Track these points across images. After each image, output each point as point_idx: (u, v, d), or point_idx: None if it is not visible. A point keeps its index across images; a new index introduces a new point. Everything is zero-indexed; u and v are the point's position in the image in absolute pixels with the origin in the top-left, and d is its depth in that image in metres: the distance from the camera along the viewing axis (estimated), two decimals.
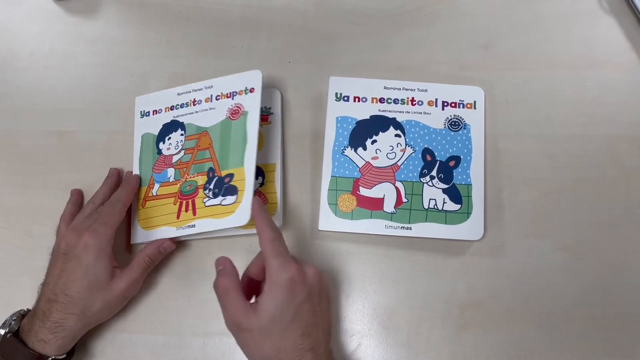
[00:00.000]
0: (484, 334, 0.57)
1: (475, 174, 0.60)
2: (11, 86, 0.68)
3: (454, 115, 0.62)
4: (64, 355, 0.53)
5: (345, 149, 0.61)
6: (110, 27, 0.69)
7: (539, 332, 0.57)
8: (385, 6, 0.68)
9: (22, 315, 0.54)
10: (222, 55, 0.67)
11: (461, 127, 0.62)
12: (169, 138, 0.62)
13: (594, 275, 0.58)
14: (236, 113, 0.60)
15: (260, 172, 0.61)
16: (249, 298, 0.50)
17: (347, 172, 0.60)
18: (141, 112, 0.65)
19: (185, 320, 0.59)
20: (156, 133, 0.63)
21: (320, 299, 0.49)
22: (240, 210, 0.56)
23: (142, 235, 0.60)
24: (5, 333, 0.52)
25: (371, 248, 0.60)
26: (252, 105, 0.60)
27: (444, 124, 0.62)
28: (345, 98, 0.63)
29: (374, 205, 0.59)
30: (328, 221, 0.59)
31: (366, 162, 0.61)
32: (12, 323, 0.53)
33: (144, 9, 0.70)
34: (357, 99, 0.63)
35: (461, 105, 0.62)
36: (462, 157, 0.61)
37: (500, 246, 0.59)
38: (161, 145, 0.63)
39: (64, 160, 0.65)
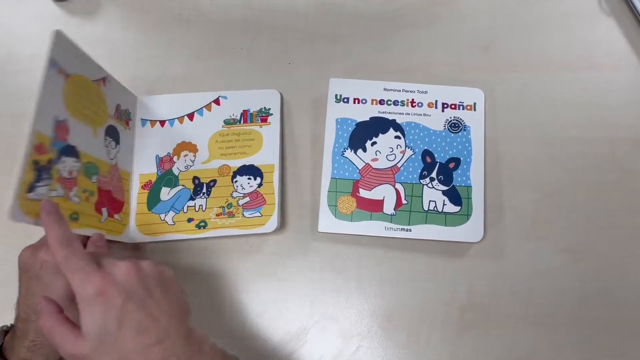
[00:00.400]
0: (484, 336, 0.57)
1: (475, 175, 0.60)
2: (12, 88, 0.68)
3: (454, 117, 0.62)
4: None
5: (345, 151, 0.61)
6: (111, 29, 0.69)
7: (539, 334, 0.57)
8: (385, 8, 0.68)
9: (5, 331, 0.53)
10: (223, 57, 0.67)
11: (461, 129, 0.62)
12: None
13: (594, 278, 0.58)
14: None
15: (258, 173, 0.61)
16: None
17: (346, 174, 0.60)
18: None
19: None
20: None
21: (148, 291, 0.45)
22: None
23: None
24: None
25: (371, 250, 0.60)
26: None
27: (444, 126, 0.62)
28: (345, 100, 0.63)
29: (374, 207, 0.59)
30: (328, 223, 0.59)
31: (366, 163, 0.61)
32: None
33: (144, 11, 0.70)
34: (356, 101, 0.63)
35: (461, 107, 0.62)
36: (462, 158, 0.61)
37: (501, 248, 0.59)
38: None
39: None
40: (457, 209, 0.59)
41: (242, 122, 0.63)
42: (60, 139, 0.49)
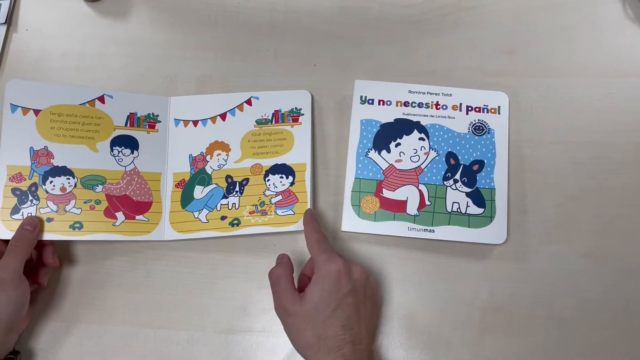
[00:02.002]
0: (506, 338, 0.58)
1: (499, 178, 0.60)
2: None
3: (478, 120, 0.62)
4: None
5: (369, 152, 0.62)
6: (140, 30, 0.71)
7: (560, 337, 0.57)
8: (409, 12, 0.69)
9: None
10: (249, 58, 0.68)
11: (485, 132, 0.62)
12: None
13: (616, 281, 0.58)
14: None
15: (290, 172, 0.62)
16: (301, 292, 0.52)
17: (370, 174, 0.61)
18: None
19: (209, 317, 0.60)
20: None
21: (365, 298, 0.52)
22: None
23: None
24: None
25: (393, 250, 0.61)
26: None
27: (468, 129, 0.62)
28: (370, 101, 0.64)
29: (397, 208, 0.60)
30: (351, 222, 0.60)
31: (390, 164, 0.61)
32: None
33: (173, 12, 0.71)
34: (381, 102, 0.63)
35: (485, 110, 0.63)
36: (485, 161, 0.61)
37: (523, 251, 0.60)
38: None
39: None
40: (480, 210, 0.59)
41: (273, 122, 0.64)
42: (43, 163, 0.59)
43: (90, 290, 0.61)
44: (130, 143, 0.62)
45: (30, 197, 0.58)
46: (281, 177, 0.62)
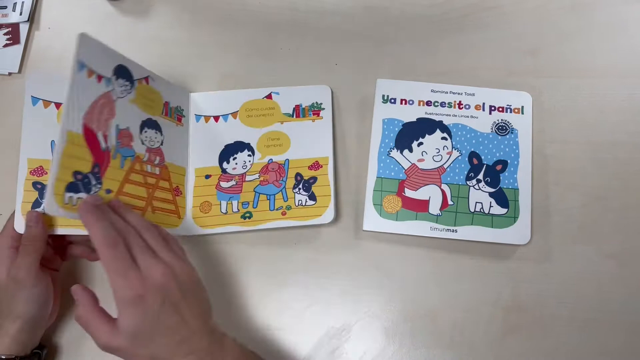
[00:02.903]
0: (528, 339, 0.57)
1: (522, 178, 0.60)
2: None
3: (502, 120, 0.62)
4: (13, 357, 0.53)
5: (391, 151, 0.62)
6: (162, 28, 0.71)
7: (583, 338, 0.57)
8: (431, 12, 0.69)
9: None
10: (270, 57, 0.69)
11: (508, 132, 0.62)
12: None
13: None
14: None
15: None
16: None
17: (392, 174, 0.61)
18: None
19: (230, 314, 0.60)
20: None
21: (182, 294, 0.47)
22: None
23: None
24: None
25: (415, 249, 0.60)
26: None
27: (491, 128, 0.62)
28: (392, 100, 0.63)
29: (420, 207, 0.60)
30: (373, 221, 0.60)
31: (412, 164, 0.61)
32: None
33: (195, 11, 0.72)
34: (404, 102, 0.63)
35: (508, 110, 0.63)
36: (509, 161, 0.61)
37: (547, 252, 0.59)
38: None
39: None
40: (504, 211, 0.59)
41: (294, 116, 0.64)
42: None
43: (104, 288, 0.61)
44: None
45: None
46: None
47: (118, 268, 0.46)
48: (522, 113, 0.63)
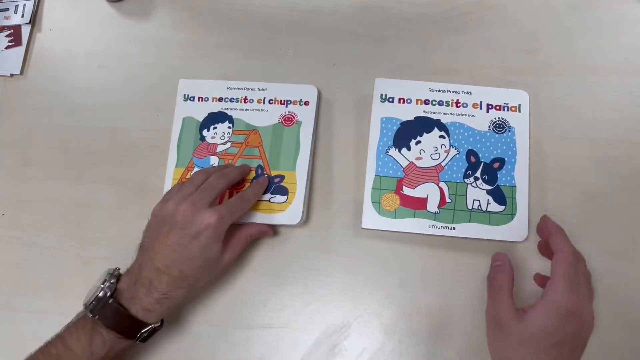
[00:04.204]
0: None
1: (519, 175, 0.60)
2: (67, 85, 0.71)
3: (499, 118, 0.62)
4: (159, 323, 0.54)
5: (390, 149, 0.62)
6: (162, 29, 0.72)
7: None
8: (430, 11, 0.69)
9: (116, 276, 0.54)
10: (269, 57, 0.69)
11: (506, 130, 0.62)
12: (215, 127, 0.65)
13: (638, 281, 0.58)
14: (289, 120, 0.65)
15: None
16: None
17: (390, 172, 0.61)
18: (185, 95, 0.67)
19: (231, 312, 0.60)
20: (200, 119, 0.66)
21: (583, 345, 0.49)
22: (291, 210, 0.61)
23: None
24: (107, 297, 0.51)
25: (414, 247, 0.61)
26: (307, 117, 0.65)
27: (489, 127, 0.62)
28: (390, 99, 0.64)
29: (418, 205, 0.60)
30: (371, 219, 0.60)
31: (410, 162, 0.61)
32: (111, 285, 0.52)
33: (195, 11, 0.72)
34: (401, 100, 0.64)
35: (506, 108, 0.63)
36: (506, 159, 0.61)
37: None
38: (205, 132, 0.65)
39: (116, 156, 0.67)
40: (501, 208, 0.59)
41: None
42: None
43: None
44: None
45: None
46: None
47: (571, 277, 0.48)
48: (519, 111, 0.63)
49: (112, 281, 0.53)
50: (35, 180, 0.67)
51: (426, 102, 0.64)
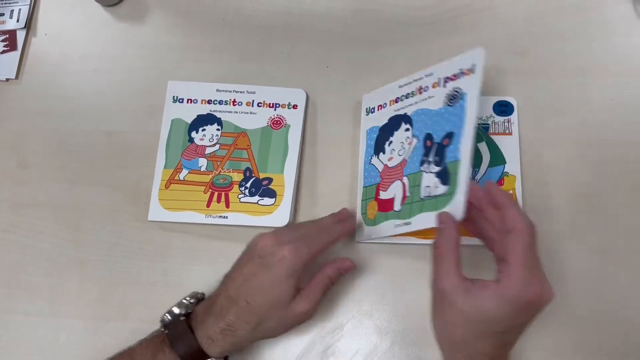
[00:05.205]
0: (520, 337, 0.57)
1: (464, 148, 0.52)
2: (63, 89, 0.71)
3: (453, 89, 0.56)
4: None
5: (372, 158, 0.62)
6: (157, 33, 0.72)
7: (574, 335, 0.57)
8: (422, 14, 0.70)
9: (198, 299, 0.54)
10: (263, 60, 0.70)
11: (459, 99, 0.55)
12: (204, 129, 0.66)
13: (631, 280, 0.58)
14: (278, 124, 0.65)
15: None
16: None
17: (372, 180, 0.61)
18: (174, 97, 0.67)
19: None
20: (189, 121, 0.66)
21: (532, 321, 0.45)
22: (279, 212, 0.62)
23: (162, 214, 0.63)
24: (180, 314, 0.52)
25: (406, 248, 0.61)
26: (295, 121, 0.65)
27: (443, 102, 0.56)
28: (372, 110, 0.64)
29: (388, 207, 0.58)
30: (362, 231, 0.60)
31: (384, 165, 0.61)
32: (189, 305, 0.52)
33: (189, 15, 0.73)
34: (380, 107, 0.64)
35: (461, 75, 0.55)
36: (454, 132, 0.54)
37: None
38: (194, 134, 0.66)
39: (111, 158, 0.67)
40: (445, 188, 0.52)
41: None
42: None
43: (107, 287, 0.62)
44: None
45: None
46: None
47: (531, 264, 0.43)
48: (473, 72, 0.54)
49: (191, 301, 0.53)
50: (30, 183, 0.67)
51: (397, 100, 0.62)
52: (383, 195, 0.59)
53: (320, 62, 0.69)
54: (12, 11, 0.73)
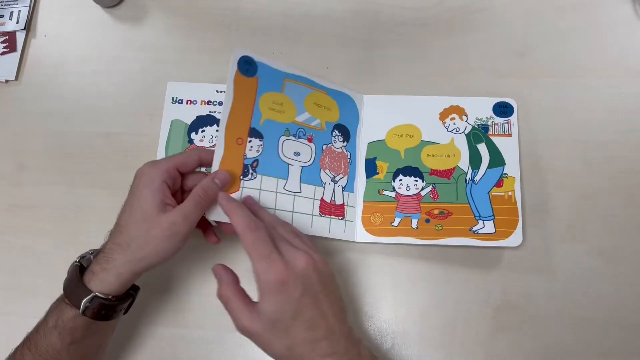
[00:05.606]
0: (519, 337, 0.58)
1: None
2: (62, 90, 0.71)
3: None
4: (110, 297, 0.49)
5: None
6: (156, 35, 0.72)
7: (574, 336, 0.57)
8: (420, 15, 0.70)
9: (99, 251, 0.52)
10: None
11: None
12: (204, 130, 0.66)
13: (630, 281, 0.58)
14: None
15: None
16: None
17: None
18: (173, 97, 0.67)
19: (225, 316, 0.60)
20: (188, 122, 0.66)
21: (321, 286, 0.47)
22: None
23: None
24: (77, 261, 0.51)
25: (407, 249, 0.61)
26: None
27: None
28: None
29: None
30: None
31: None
32: (89, 257, 0.52)
33: (188, 17, 0.73)
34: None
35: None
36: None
37: (537, 250, 0.60)
38: (194, 135, 0.66)
39: (110, 160, 0.67)
40: None
41: None
42: None
43: None
44: None
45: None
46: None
47: (261, 251, 0.46)
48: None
49: (90, 252, 0.53)
50: (29, 185, 0.67)
51: None
52: None
53: (319, 63, 0.69)
54: (11, 13, 0.73)
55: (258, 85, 0.59)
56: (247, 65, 0.58)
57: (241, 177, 0.56)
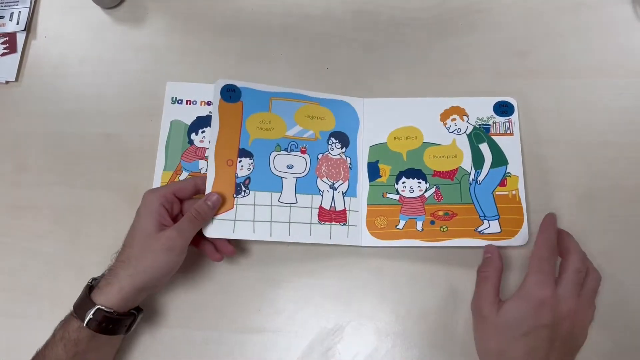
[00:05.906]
0: None
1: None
2: (62, 91, 0.71)
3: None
4: (113, 311, 0.51)
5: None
6: (156, 36, 0.72)
7: None
8: (420, 15, 0.70)
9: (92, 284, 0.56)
10: (263, 62, 0.70)
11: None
12: (204, 131, 0.65)
13: (630, 282, 0.58)
14: None
15: None
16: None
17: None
18: (172, 98, 0.67)
19: (225, 316, 0.60)
20: (188, 122, 0.66)
21: (564, 339, 0.50)
22: None
23: None
24: (89, 282, 0.55)
25: (407, 250, 0.61)
26: None
27: None
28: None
29: None
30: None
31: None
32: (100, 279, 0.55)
33: (188, 18, 0.73)
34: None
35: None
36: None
37: None
38: (194, 136, 0.66)
39: (110, 161, 0.67)
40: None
41: None
42: None
43: None
44: None
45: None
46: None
47: (543, 268, 0.51)
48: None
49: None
50: (29, 186, 0.67)
51: None
52: None
53: (319, 64, 0.69)
54: (12, 14, 0.73)
55: (243, 108, 0.61)
56: (230, 93, 0.61)
57: (234, 195, 0.59)
